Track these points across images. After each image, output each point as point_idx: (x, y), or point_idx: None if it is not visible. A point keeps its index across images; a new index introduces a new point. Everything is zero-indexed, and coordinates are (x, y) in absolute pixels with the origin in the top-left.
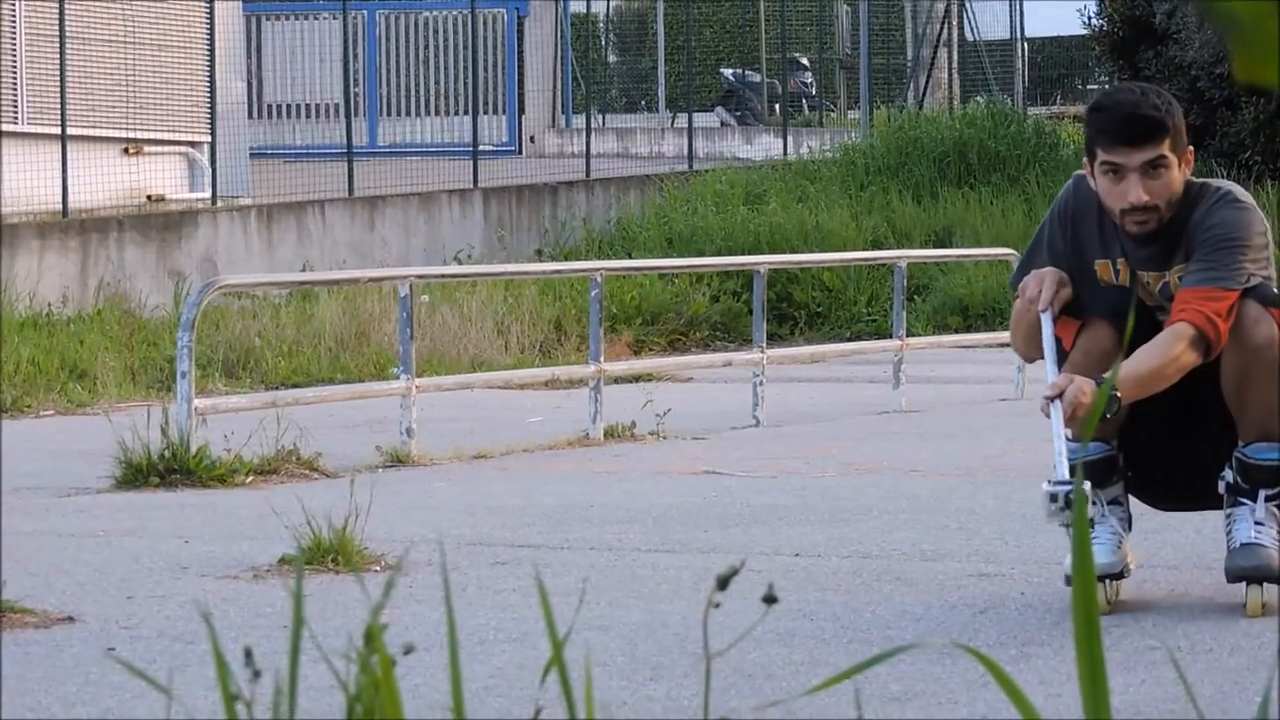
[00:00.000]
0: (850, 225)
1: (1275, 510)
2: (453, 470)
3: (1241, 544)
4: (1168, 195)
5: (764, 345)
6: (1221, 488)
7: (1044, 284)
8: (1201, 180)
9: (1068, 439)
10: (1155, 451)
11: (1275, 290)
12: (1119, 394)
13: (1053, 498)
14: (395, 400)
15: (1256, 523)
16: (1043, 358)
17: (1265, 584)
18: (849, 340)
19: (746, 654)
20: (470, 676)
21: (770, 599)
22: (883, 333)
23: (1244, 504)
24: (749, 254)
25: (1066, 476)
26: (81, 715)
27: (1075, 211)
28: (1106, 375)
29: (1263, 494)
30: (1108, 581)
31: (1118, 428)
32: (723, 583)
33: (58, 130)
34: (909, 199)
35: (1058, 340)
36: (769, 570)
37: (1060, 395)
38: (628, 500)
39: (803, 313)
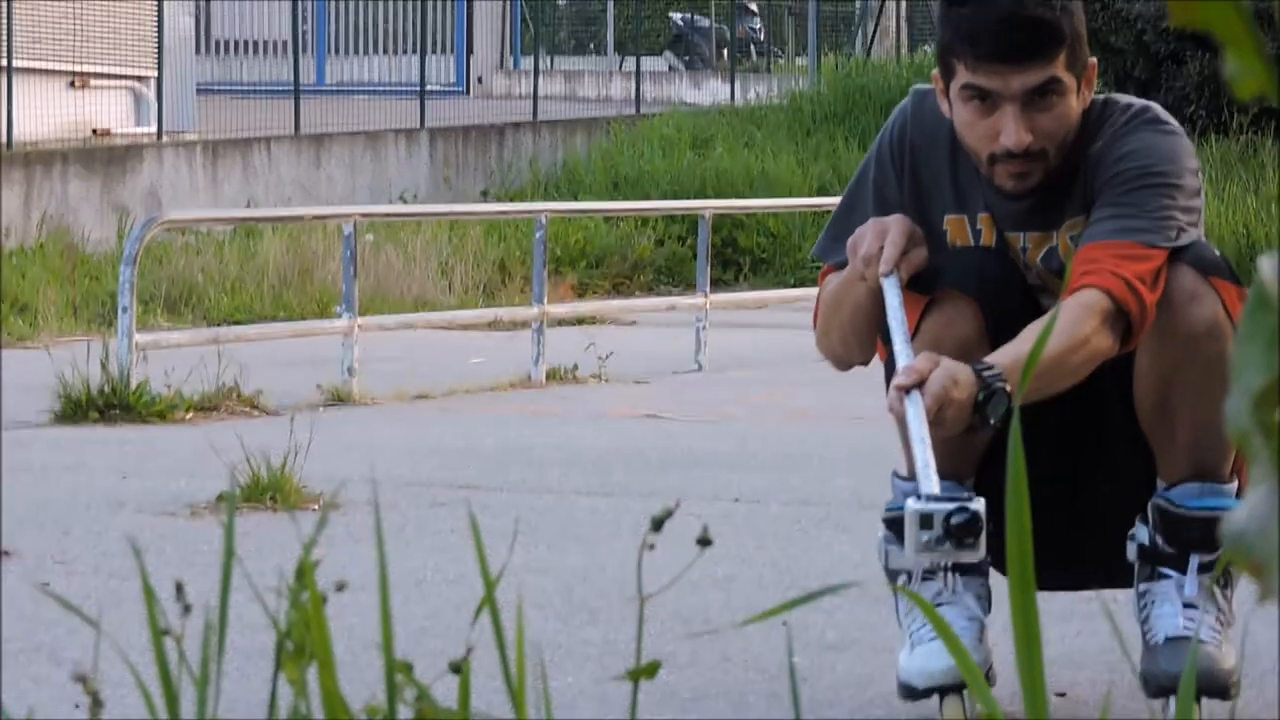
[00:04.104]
0: (796, 172)
1: (1214, 586)
2: (394, 410)
3: (1167, 638)
4: (1061, 134)
5: (708, 290)
6: (1132, 552)
7: (887, 238)
8: (1105, 96)
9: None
10: (1030, 495)
11: (1217, 252)
12: (1007, 387)
13: (924, 521)
14: (337, 339)
15: (1186, 605)
16: (864, 362)
17: (1204, 698)
18: (793, 286)
19: (684, 598)
20: (406, 617)
21: (704, 541)
22: None
23: (1166, 576)
24: (694, 198)
25: (937, 490)
26: (15, 649)
27: (915, 143)
28: (990, 359)
29: (1194, 561)
30: (965, 693)
31: (975, 458)
32: (657, 524)
33: (3, 62)
34: (855, 146)
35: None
36: (708, 515)
37: (920, 384)
38: (568, 443)
39: (747, 258)
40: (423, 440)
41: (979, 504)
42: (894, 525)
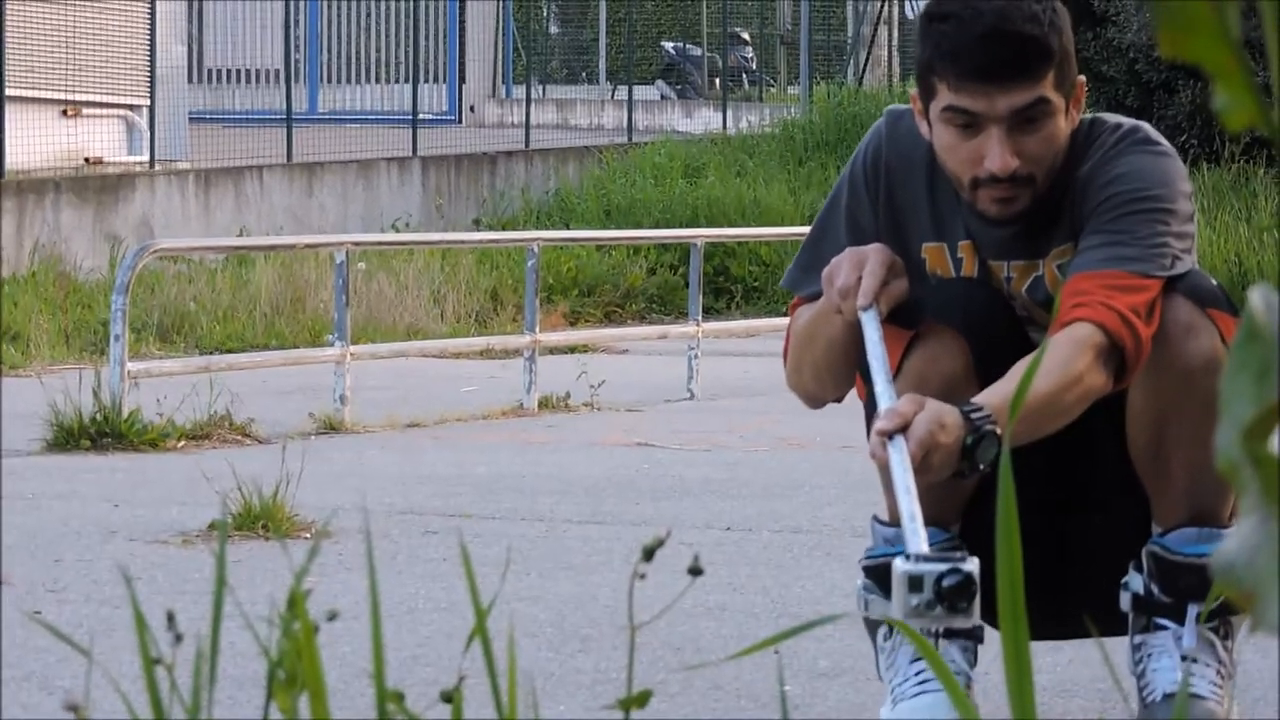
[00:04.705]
0: (788, 200)
1: (1214, 637)
2: (386, 438)
3: (1165, 695)
4: (1049, 157)
5: (699, 318)
6: (1126, 602)
7: (865, 268)
8: (1092, 116)
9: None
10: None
11: (1213, 281)
12: (997, 430)
13: (913, 584)
14: (329, 367)
15: (1185, 658)
16: (838, 399)
17: None
18: (785, 315)
19: (676, 627)
20: (398, 645)
21: (695, 571)
22: None
23: (1163, 627)
24: (686, 227)
25: (926, 550)
26: (6, 677)
27: (891, 166)
28: (978, 400)
29: (1193, 611)
30: None
31: (961, 502)
32: (648, 554)
33: None
34: None
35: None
36: (700, 544)
37: (904, 429)
38: (560, 471)
39: (739, 287)
40: (415, 468)
41: (973, 564)
42: (874, 573)
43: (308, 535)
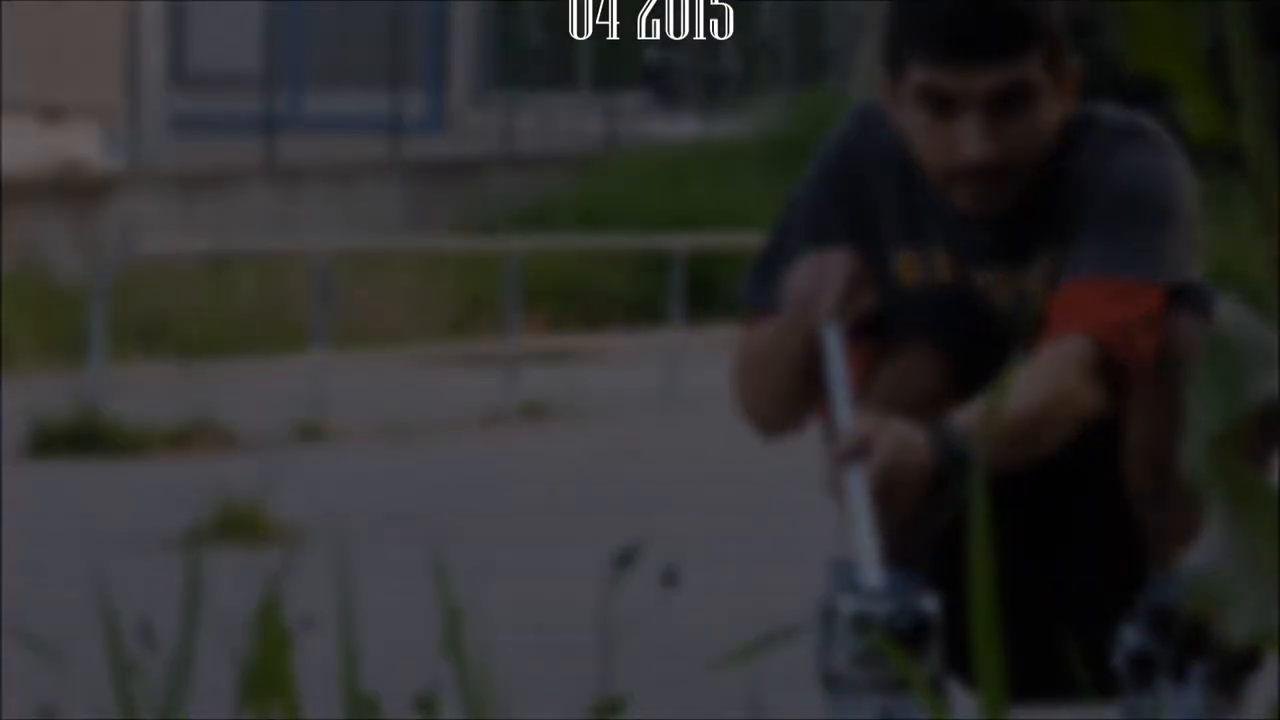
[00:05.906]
0: (770, 207)
1: (1220, 699)
2: (365, 444)
3: None
4: (1034, 147)
5: (682, 325)
6: (1120, 659)
7: (828, 277)
8: (1088, 107)
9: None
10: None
11: (1214, 293)
12: (974, 453)
13: (861, 625)
14: (310, 373)
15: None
16: (796, 426)
17: None
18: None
19: (656, 634)
20: (374, 653)
21: (672, 578)
22: None
23: (1163, 688)
24: (669, 234)
25: (877, 584)
26: None
27: (859, 164)
28: (951, 420)
29: (1197, 670)
30: None
31: (928, 539)
32: (627, 560)
33: None
34: None
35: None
36: (683, 550)
37: (863, 453)
38: (540, 477)
39: (721, 293)
40: (394, 474)
41: (931, 603)
42: (829, 619)
43: (286, 541)
